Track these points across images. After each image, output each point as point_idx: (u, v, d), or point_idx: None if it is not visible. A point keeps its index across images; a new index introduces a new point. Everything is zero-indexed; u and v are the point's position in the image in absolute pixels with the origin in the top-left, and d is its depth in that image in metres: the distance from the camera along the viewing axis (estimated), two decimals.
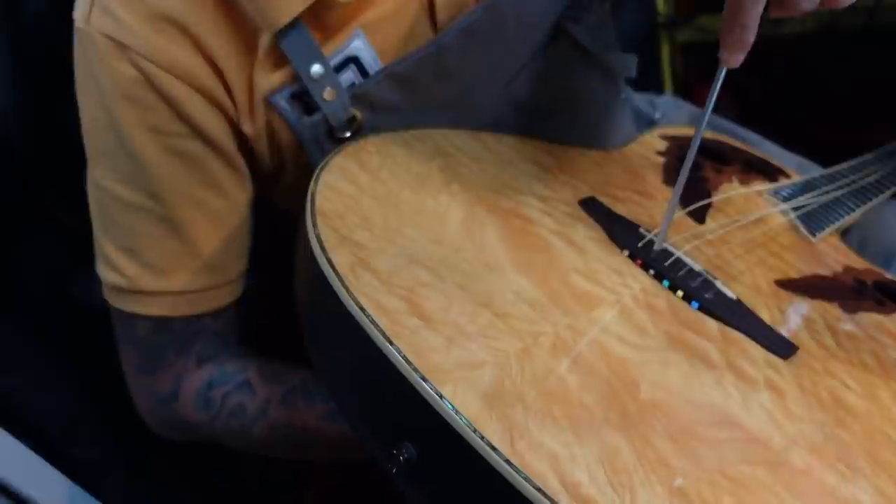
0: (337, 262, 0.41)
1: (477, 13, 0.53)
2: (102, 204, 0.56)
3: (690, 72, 1.51)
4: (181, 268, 0.56)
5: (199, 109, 0.52)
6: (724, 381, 0.41)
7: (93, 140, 0.54)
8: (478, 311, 0.41)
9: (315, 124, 0.53)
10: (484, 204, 0.50)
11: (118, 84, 0.50)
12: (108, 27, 0.49)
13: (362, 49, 0.53)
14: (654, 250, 0.50)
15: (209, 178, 0.55)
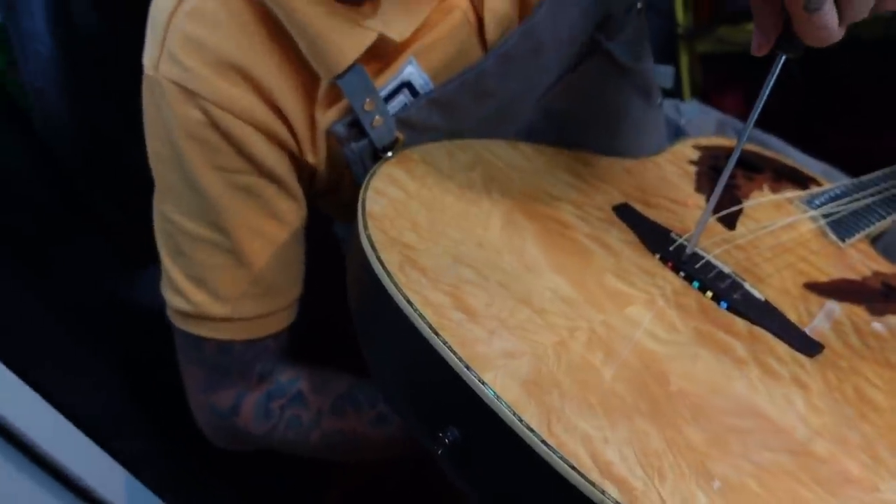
0: (386, 260, 0.45)
1: (515, 38, 0.56)
2: (170, 235, 0.59)
3: (709, 81, 1.53)
4: (245, 295, 0.59)
5: (260, 147, 0.55)
6: (750, 375, 0.43)
7: (160, 176, 0.58)
8: (518, 307, 0.44)
9: (362, 148, 0.57)
10: (522, 210, 0.54)
11: (185, 126, 0.54)
12: (175, 74, 0.53)
13: (414, 74, 0.56)
14: (685, 254, 0.52)
15: (270, 209, 0.58)
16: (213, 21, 0.52)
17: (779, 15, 0.44)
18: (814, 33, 0.42)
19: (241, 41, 0.52)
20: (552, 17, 0.57)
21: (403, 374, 0.44)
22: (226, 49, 0.52)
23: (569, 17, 0.59)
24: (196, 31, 0.52)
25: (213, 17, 0.52)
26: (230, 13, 0.52)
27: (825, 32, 0.42)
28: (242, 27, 0.52)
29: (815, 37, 0.42)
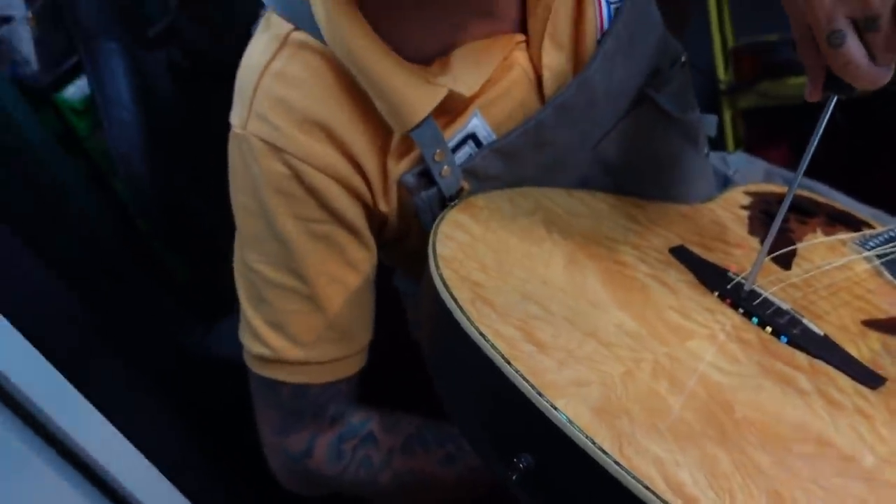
0: (459, 296, 0.47)
1: (571, 89, 0.60)
2: (252, 283, 0.62)
3: (753, 135, 1.55)
4: (321, 340, 0.62)
5: (339, 198, 0.59)
6: (814, 404, 0.44)
7: (244, 227, 0.62)
8: (584, 339, 0.46)
9: (431, 197, 0.60)
10: (583, 251, 0.56)
11: (271, 180, 0.58)
12: (263, 132, 0.57)
13: (479, 126, 0.60)
14: (743, 291, 0.54)
15: (346, 257, 0.61)
16: (297, 82, 0.56)
17: (820, 57, 0.47)
18: (845, 70, 0.45)
19: (323, 100, 0.56)
20: (604, 71, 0.61)
21: (478, 404, 0.46)
22: (310, 108, 0.56)
23: (620, 70, 0.62)
24: (282, 92, 0.56)
25: (298, 79, 0.56)
26: (313, 74, 0.56)
27: (855, 68, 0.44)
28: (324, 87, 0.56)
29: (848, 73, 0.45)
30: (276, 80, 0.57)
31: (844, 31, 0.44)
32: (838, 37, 0.44)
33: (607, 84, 0.61)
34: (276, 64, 0.57)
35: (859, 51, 0.44)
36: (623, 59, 0.62)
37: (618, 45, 0.61)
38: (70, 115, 0.88)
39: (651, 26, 0.65)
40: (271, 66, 0.57)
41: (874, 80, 0.45)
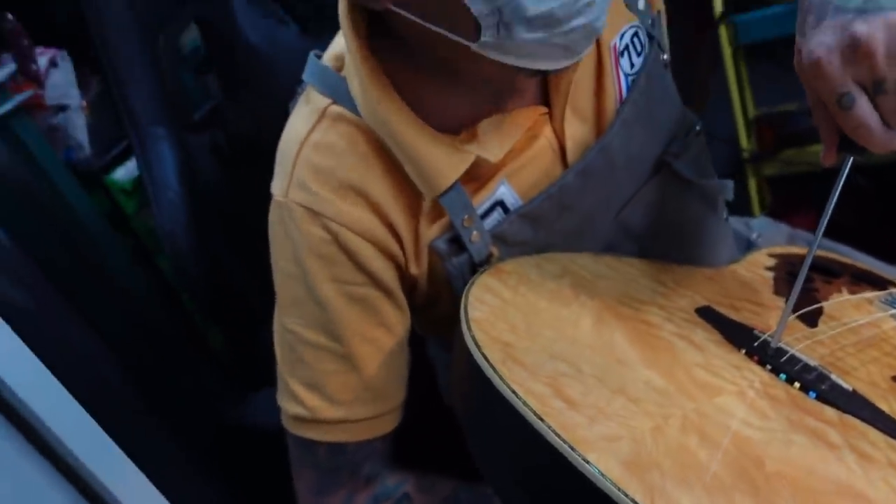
0: (490, 356, 0.49)
1: (591, 154, 0.63)
2: (290, 345, 0.65)
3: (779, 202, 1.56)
4: (356, 399, 0.64)
5: (375, 261, 0.61)
6: (845, 458, 0.45)
7: (284, 290, 0.64)
8: (613, 396, 0.47)
9: (462, 263, 0.63)
10: (611, 312, 0.58)
11: (311, 243, 0.61)
12: (303, 199, 0.60)
13: (506, 193, 0.63)
14: (770, 349, 0.55)
15: (380, 318, 0.64)
16: (335, 152, 0.60)
17: (833, 120, 0.48)
18: (857, 133, 0.46)
19: (358, 168, 0.60)
20: (623, 137, 0.64)
21: (511, 461, 0.47)
22: (346, 175, 0.60)
23: (638, 138, 0.65)
24: (321, 161, 0.60)
25: (335, 149, 0.60)
26: (349, 144, 0.60)
27: (867, 131, 0.46)
28: (360, 155, 0.60)
29: (860, 136, 0.46)
30: (315, 150, 0.61)
31: (853, 94, 0.45)
32: (848, 99, 0.46)
33: (627, 150, 0.64)
34: (316, 135, 0.61)
35: (870, 113, 0.46)
36: (641, 127, 0.65)
37: (635, 114, 0.64)
38: (119, 195, 0.93)
39: (667, 97, 0.69)
40: (311, 137, 0.61)
41: (886, 144, 0.47)
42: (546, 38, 0.50)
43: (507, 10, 0.48)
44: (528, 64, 0.52)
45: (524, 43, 0.50)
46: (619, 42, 0.64)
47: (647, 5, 0.66)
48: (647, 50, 0.66)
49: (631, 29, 0.65)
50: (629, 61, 0.65)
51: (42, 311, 0.70)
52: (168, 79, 0.83)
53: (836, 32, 0.45)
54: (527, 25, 0.49)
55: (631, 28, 0.65)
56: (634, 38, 0.65)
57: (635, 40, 0.65)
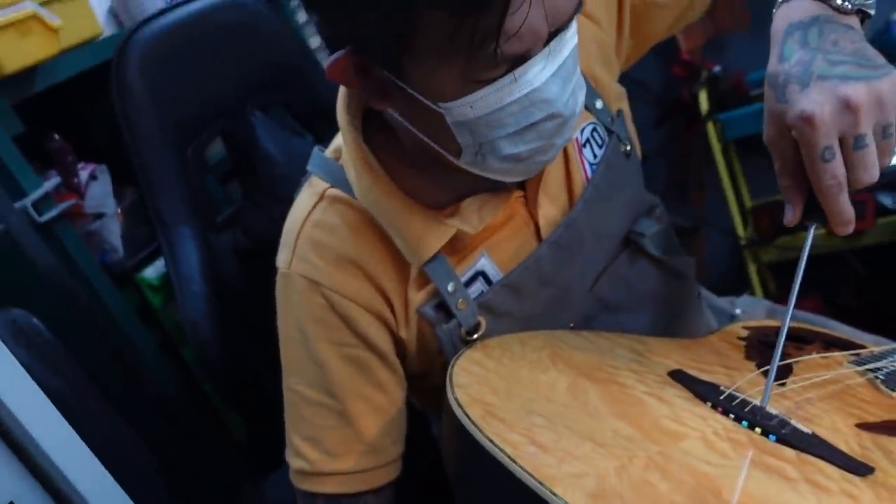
0: (471, 413, 0.54)
1: (560, 229, 0.71)
2: (292, 403, 0.71)
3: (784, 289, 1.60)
4: (351, 452, 0.69)
5: (368, 325, 0.68)
6: (800, 489, 0.48)
7: (288, 354, 0.71)
8: (583, 442, 0.52)
9: (451, 329, 0.69)
10: (586, 377, 0.62)
11: (310, 309, 0.68)
12: (304, 270, 0.68)
13: (487, 265, 0.70)
14: (735, 401, 0.59)
15: (374, 378, 0.70)
16: (332, 228, 0.68)
17: (802, 184, 0.56)
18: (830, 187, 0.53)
19: (353, 241, 0.68)
20: (588, 214, 0.71)
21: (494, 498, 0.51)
22: (343, 249, 0.68)
23: (603, 215, 0.73)
24: (320, 236, 0.68)
25: (333, 225, 0.68)
26: (344, 221, 0.68)
27: (837, 188, 0.53)
28: (354, 230, 0.68)
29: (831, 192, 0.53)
30: (315, 227, 0.69)
31: (835, 149, 0.53)
32: (830, 153, 0.53)
33: (593, 226, 0.72)
34: (316, 214, 0.69)
35: (843, 171, 0.53)
36: (604, 206, 0.73)
37: (597, 195, 0.72)
38: (147, 291, 1.02)
39: (628, 181, 0.77)
40: (311, 216, 0.69)
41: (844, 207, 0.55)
42: (512, 167, 0.61)
43: (486, 146, 0.59)
44: (496, 178, 0.63)
45: (494, 169, 0.61)
46: (581, 136, 0.73)
47: (604, 105, 0.75)
48: (607, 142, 0.75)
49: (590, 125, 0.74)
50: (592, 152, 0.74)
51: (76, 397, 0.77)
52: (194, 185, 0.92)
53: (825, 93, 0.53)
54: (499, 159, 0.60)
55: (590, 124, 0.74)
56: (594, 132, 0.74)
57: (595, 134, 0.74)
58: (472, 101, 0.56)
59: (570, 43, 0.58)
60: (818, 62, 0.54)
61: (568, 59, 0.58)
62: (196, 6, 0.94)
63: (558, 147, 0.62)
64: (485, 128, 0.57)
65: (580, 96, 0.61)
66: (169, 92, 0.90)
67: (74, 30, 1.00)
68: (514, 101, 0.56)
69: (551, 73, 0.56)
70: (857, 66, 0.53)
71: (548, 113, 0.58)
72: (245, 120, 0.99)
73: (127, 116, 0.88)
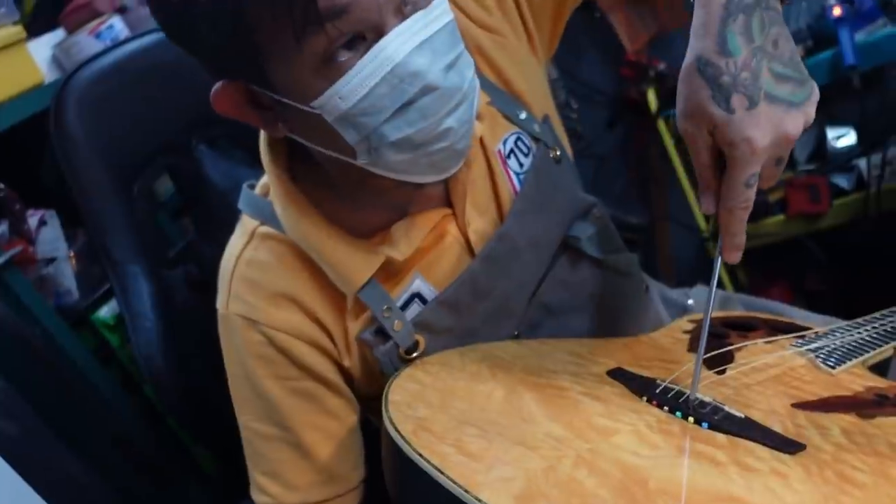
0: (402, 429, 0.54)
1: (492, 242, 0.71)
2: (249, 441, 0.71)
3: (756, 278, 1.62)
4: (311, 483, 0.70)
5: (309, 356, 0.68)
6: (728, 472, 0.49)
7: (236, 392, 0.72)
8: (513, 447, 0.52)
9: (390, 350, 0.69)
10: (524, 384, 0.62)
11: (250, 347, 0.68)
12: (241, 309, 0.68)
13: (422, 286, 0.70)
14: (670, 392, 0.59)
15: (324, 406, 0.70)
16: (264, 265, 0.69)
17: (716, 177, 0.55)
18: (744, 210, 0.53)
19: (286, 276, 0.68)
20: (520, 224, 0.72)
21: None
22: (276, 284, 0.68)
23: (536, 223, 0.73)
24: (253, 274, 0.69)
25: (264, 262, 0.69)
26: (276, 257, 0.68)
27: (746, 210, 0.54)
28: (286, 266, 0.68)
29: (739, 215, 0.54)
30: (247, 265, 0.69)
31: (757, 176, 0.52)
32: (755, 178, 0.52)
33: (527, 235, 0.72)
34: (247, 253, 0.70)
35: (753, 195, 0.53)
36: (536, 214, 0.73)
37: (527, 204, 0.73)
38: (104, 330, 1.02)
39: (560, 186, 0.77)
40: (243, 255, 0.70)
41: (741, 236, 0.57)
42: (412, 157, 0.60)
43: (374, 138, 0.58)
44: (404, 178, 0.62)
45: (395, 162, 0.60)
46: (504, 147, 0.73)
47: (528, 114, 0.75)
48: (533, 150, 0.75)
49: (513, 135, 0.74)
50: (517, 161, 0.74)
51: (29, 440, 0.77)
52: (142, 222, 0.92)
53: (771, 123, 0.50)
54: (393, 149, 0.59)
55: (513, 135, 0.74)
56: (518, 142, 0.74)
57: (520, 143, 0.74)
58: (339, 90, 0.55)
59: (441, 20, 0.57)
60: (764, 74, 0.50)
61: (439, 34, 0.56)
62: (130, 47, 0.95)
63: (457, 132, 0.59)
64: (363, 117, 0.56)
65: (466, 72, 0.59)
66: (109, 133, 0.90)
67: (13, 79, 1.01)
68: (381, 80, 0.55)
69: (415, 45, 0.55)
70: (797, 85, 0.51)
71: (420, 86, 0.56)
72: (190, 154, 0.99)
73: (68, 160, 0.88)
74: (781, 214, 1.52)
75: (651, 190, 1.71)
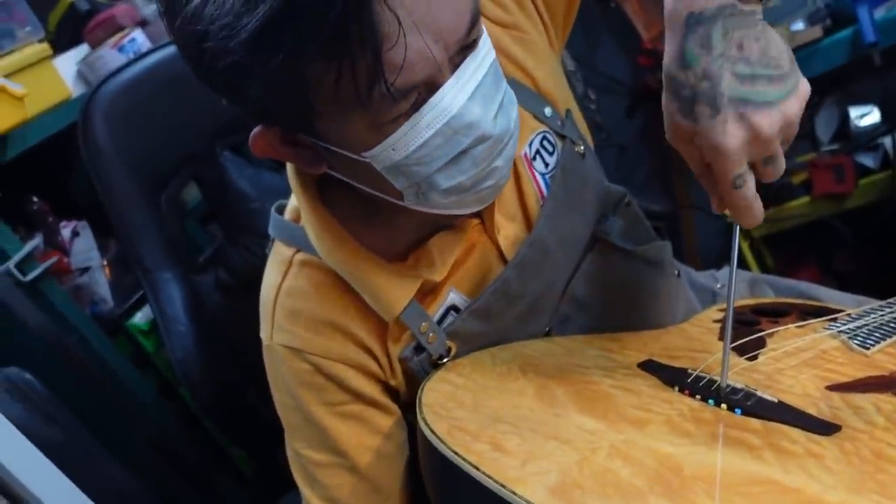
0: (437, 429, 0.55)
1: (524, 248, 0.70)
2: (303, 466, 0.72)
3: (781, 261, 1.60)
4: (366, 502, 0.70)
5: (355, 380, 0.69)
6: (763, 455, 0.49)
7: (286, 419, 0.72)
8: (546, 442, 0.53)
9: (423, 360, 0.69)
10: (555, 380, 0.63)
11: (297, 376, 0.68)
12: (284, 339, 0.68)
13: (456, 298, 0.70)
14: (702, 381, 0.60)
15: (375, 427, 0.70)
16: (304, 294, 0.68)
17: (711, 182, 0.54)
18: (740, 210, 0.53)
19: (326, 304, 0.68)
20: (550, 227, 0.71)
21: None
22: (318, 312, 0.68)
23: (566, 223, 0.73)
24: (294, 304, 0.69)
25: (304, 291, 0.69)
26: (315, 286, 0.68)
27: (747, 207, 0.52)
28: (326, 293, 0.68)
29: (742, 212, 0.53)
30: (288, 295, 0.69)
31: (745, 176, 0.51)
32: (741, 181, 0.51)
33: (557, 237, 0.72)
34: (287, 283, 0.69)
35: (753, 195, 0.52)
36: (565, 214, 0.72)
37: (557, 206, 0.72)
38: (139, 336, 1.04)
39: (588, 182, 0.76)
40: (283, 286, 0.69)
41: (755, 220, 0.54)
42: (461, 199, 0.60)
43: (424, 185, 0.57)
44: (447, 212, 0.62)
45: (442, 203, 0.60)
46: (529, 150, 0.72)
47: (553, 111, 0.74)
48: (559, 148, 0.74)
49: (539, 135, 0.73)
50: (543, 162, 0.73)
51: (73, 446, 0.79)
52: (171, 230, 0.94)
53: (737, 123, 0.49)
54: (442, 194, 0.58)
55: (539, 134, 0.73)
56: (544, 141, 0.73)
57: (545, 143, 0.74)
58: (392, 143, 0.54)
59: (486, 61, 0.56)
60: (726, 79, 0.49)
61: (486, 78, 0.56)
62: (154, 58, 0.97)
63: (502, 169, 0.60)
64: (415, 167, 0.56)
65: (512, 112, 0.59)
66: (136, 144, 0.92)
67: (42, 95, 1.03)
68: (436, 133, 0.54)
69: (468, 95, 0.54)
70: (768, 83, 0.49)
71: (476, 137, 0.56)
72: (215, 162, 1.01)
73: (98, 173, 0.90)
74: (807, 196, 1.50)
75: (673, 177, 1.70)
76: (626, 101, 1.65)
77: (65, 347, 0.94)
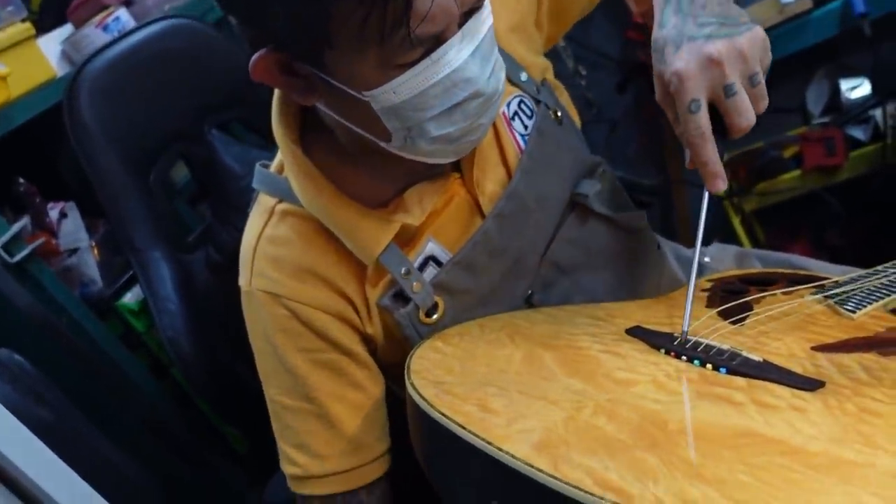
0: (425, 394, 0.56)
1: (503, 201, 0.72)
2: (277, 413, 0.73)
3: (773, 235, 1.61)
4: (339, 453, 0.71)
5: (333, 328, 0.70)
6: (747, 411, 0.49)
7: (262, 366, 0.73)
8: (534, 402, 0.53)
9: (410, 312, 0.70)
10: (543, 346, 0.63)
11: (275, 321, 0.70)
12: (264, 285, 0.70)
13: (435, 248, 0.72)
14: (688, 343, 0.60)
15: (349, 378, 0.71)
16: (285, 241, 0.70)
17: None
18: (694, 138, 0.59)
19: (307, 250, 0.69)
20: (527, 182, 0.73)
21: (454, 468, 0.53)
22: (298, 259, 0.69)
23: (543, 181, 0.74)
24: (275, 251, 0.70)
25: (285, 238, 0.70)
26: (296, 232, 0.70)
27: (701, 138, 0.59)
28: (307, 240, 0.69)
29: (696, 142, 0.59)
30: (269, 242, 0.71)
31: (701, 101, 0.59)
32: (696, 105, 0.59)
33: (535, 193, 0.73)
34: (268, 231, 0.71)
35: (707, 123, 0.59)
36: (542, 172, 0.74)
37: (533, 164, 0.74)
38: (129, 316, 1.04)
39: (563, 145, 0.78)
40: (264, 233, 0.71)
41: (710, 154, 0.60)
42: (442, 148, 0.63)
43: (414, 130, 0.60)
44: (425, 160, 0.64)
45: (425, 151, 0.62)
46: (508, 109, 0.74)
47: (529, 77, 0.76)
48: (535, 112, 0.76)
49: (516, 98, 0.75)
50: (521, 123, 0.75)
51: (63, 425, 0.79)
52: (160, 209, 0.94)
53: (692, 52, 0.59)
54: (429, 141, 0.61)
55: (516, 97, 0.75)
56: (521, 104, 0.75)
57: (523, 106, 0.76)
58: (395, 86, 0.57)
59: (486, 23, 0.60)
60: (689, 26, 0.60)
61: (485, 39, 0.59)
62: (137, 37, 0.96)
63: (485, 126, 0.64)
64: (411, 111, 0.59)
65: (501, 75, 0.63)
66: (122, 123, 0.92)
67: (26, 76, 1.02)
68: (437, 82, 0.57)
69: (469, 52, 0.58)
70: (720, 26, 0.59)
71: (471, 92, 0.59)
72: (203, 140, 1.00)
73: (85, 152, 0.90)
74: (797, 169, 1.50)
75: (664, 152, 1.70)
76: (616, 76, 1.65)
77: (55, 329, 0.94)
